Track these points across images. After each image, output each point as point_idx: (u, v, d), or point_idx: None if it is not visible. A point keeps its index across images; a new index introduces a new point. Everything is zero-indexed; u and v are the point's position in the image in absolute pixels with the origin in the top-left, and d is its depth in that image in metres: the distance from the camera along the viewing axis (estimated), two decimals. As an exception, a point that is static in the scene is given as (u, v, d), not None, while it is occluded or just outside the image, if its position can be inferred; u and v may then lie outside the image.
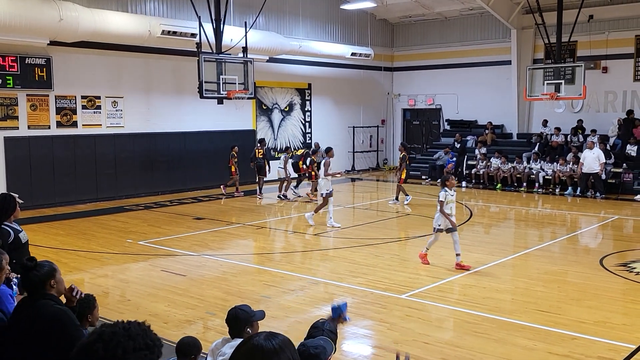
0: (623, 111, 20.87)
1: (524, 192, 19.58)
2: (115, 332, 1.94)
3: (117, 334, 1.93)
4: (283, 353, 1.94)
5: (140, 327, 2.01)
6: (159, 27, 16.82)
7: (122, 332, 1.95)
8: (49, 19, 14.69)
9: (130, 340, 1.93)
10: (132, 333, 1.96)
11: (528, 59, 22.69)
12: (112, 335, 1.92)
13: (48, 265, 3.88)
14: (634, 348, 6.59)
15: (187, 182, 19.45)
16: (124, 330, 1.95)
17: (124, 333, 1.94)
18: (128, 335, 1.94)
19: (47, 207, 15.93)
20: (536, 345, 6.70)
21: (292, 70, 22.74)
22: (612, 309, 8.05)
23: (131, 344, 1.92)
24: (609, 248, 11.82)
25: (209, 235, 13.00)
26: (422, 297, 8.48)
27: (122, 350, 1.88)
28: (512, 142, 23.12)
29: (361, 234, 13.09)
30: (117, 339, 1.91)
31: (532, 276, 9.78)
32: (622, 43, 20.82)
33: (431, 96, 25.91)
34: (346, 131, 25.16)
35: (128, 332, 1.95)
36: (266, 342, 1.94)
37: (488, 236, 13.54)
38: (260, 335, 1.99)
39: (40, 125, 16.25)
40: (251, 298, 8.29)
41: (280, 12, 21.74)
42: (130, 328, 1.98)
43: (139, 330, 1.98)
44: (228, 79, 15.49)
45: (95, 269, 10.17)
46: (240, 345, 1.99)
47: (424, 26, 25.95)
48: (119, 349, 1.88)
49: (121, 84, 17.84)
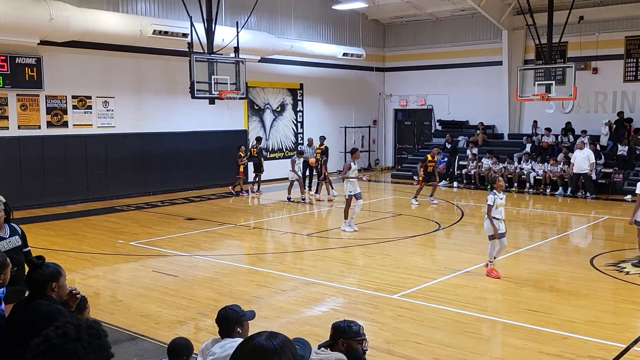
0: (613, 112, 21.01)
1: (515, 192, 19.65)
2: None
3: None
4: (284, 353, 1.95)
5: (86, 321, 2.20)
6: (150, 27, 16.77)
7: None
8: (40, 18, 14.62)
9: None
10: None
11: (519, 60, 22.79)
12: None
13: (54, 267, 3.86)
14: (624, 347, 6.63)
15: (179, 183, 19.40)
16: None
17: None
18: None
19: (37, 208, 15.84)
20: (527, 344, 6.72)
21: (283, 70, 22.72)
22: (603, 308, 8.10)
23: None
24: (599, 248, 11.88)
25: (200, 236, 12.97)
26: (414, 297, 8.50)
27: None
28: (504, 142, 23.22)
29: (353, 234, 13.09)
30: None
31: (523, 276, 9.82)
32: (612, 44, 20.96)
33: (423, 97, 25.97)
34: (338, 131, 25.16)
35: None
36: (267, 342, 1.96)
37: (479, 236, 13.55)
38: (261, 335, 2.00)
39: (31, 125, 16.16)
40: (243, 298, 8.28)
41: (272, 12, 21.73)
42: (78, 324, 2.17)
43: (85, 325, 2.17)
44: (220, 79, 15.46)
45: (86, 270, 10.12)
46: (242, 345, 2.00)
47: (415, 27, 26.01)
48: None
49: (112, 84, 17.77)
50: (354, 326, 3.69)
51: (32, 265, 3.82)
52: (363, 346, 3.70)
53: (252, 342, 1.97)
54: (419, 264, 10.63)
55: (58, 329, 2.13)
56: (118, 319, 7.57)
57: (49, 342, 2.08)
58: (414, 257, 11.17)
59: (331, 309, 8.09)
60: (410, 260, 10.94)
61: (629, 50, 20.83)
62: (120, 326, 7.32)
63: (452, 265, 10.29)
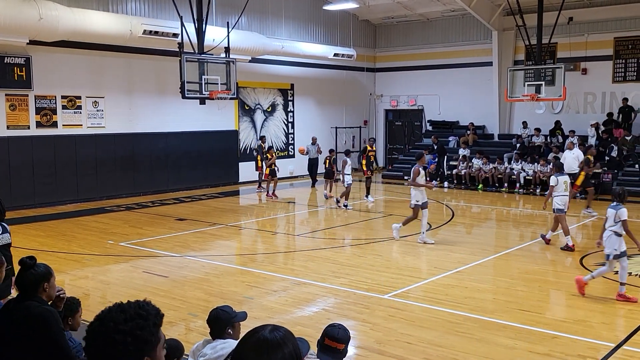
0: (602, 112, 21.16)
1: (505, 192, 19.74)
2: (110, 308, 2.16)
3: (110, 310, 2.15)
4: (286, 346, 2.00)
5: (135, 302, 2.22)
6: (140, 26, 16.70)
7: (115, 307, 2.16)
8: (29, 17, 14.52)
9: (122, 313, 2.12)
10: (124, 307, 2.16)
11: (509, 61, 22.89)
12: (107, 311, 2.15)
13: (44, 267, 3.88)
14: (613, 346, 6.67)
15: (169, 183, 19.34)
16: (117, 306, 2.17)
17: (117, 308, 2.15)
18: (120, 309, 2.14)
19: (26, 208, 15.74)
20: (517, 344, 6.75)
21: (274, 70, 22.70)
22: (592, 308, 8.14)
23: (122, 316, 2.11)
24: (588, 247, 11.94)
25: (191, 236, 12.93)
26: (405, 297, 8.51)
27: (114, 322, 2.09)
28: (494, 142, 23.31)
29: (344, 235, 13.10)
30: (110, 314, 2.13)
31: (513, 276, 9.87)
32: (601, 45, 21.11)
33: (413, 97, 26.03)
34: (329, 132, 25.17)
35: (121, 306, 2.16)
36: (271, 335, 2.00)
37: (470, 236, 13.63)
38: (265, 328, 2.04)
39: (20, 125, 16.05)
40: (233, 299, 8.27)
41: (262, 12, 21.70)
42: (123, 303, 2.19)
43: (131, 304, 2.19)
44: (210, 79, 15.43)
45: (75, 271, 10.07)
46: (245, 338, 2.05)
47: (406, 27, 26.07)
48: (111, 322, 2.09)
49: (102, 84, 17.68)
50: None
51: (25, 265, 3.82)
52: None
53: (256, 336, 2.02)
54: (409, 264, 10.65)
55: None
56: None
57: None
58: (405, 257, 11.19)
59: (322, 310, 8.09)
60: (401, 260, 10.97)
61: (617, 51, 20.98)
62: (111, 327, 7.27)
63: (443, 265, 10.32)
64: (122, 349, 2.06)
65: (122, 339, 2.06)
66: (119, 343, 2.06)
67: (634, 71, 20.78)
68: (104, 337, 2.07)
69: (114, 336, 2.06)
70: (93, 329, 2.11)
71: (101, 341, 2.08)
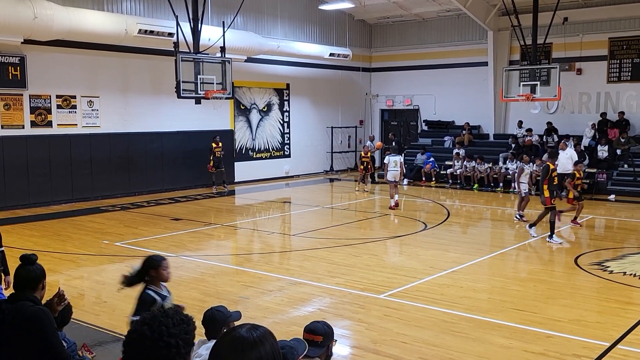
0: (597, 112, 21.21)
1: (500, 192, 19.78)
2: (154, 315, 2.25)
3: (156, 316, 2.23)
4: (263, 345, 1.99)
5: (171, 308, 2.35)
6: (135, 26, 16.65)
7: (159, 313, 2.25)
8: (23, 16, 14.46)
9: (168, 318, 2.22)
10: (167, 313, 2.26)
11: (504, 61, 22.92)
12: (152, 317, 2.22)
13: (41, 267, 3.89)
14: (607, 345, 6.69)
15: (165, 183, 19.30)
16: (160, 312, 2.26)
17: (161, 314, 2.24)
18: (165, 315, 2.23)
19: (21, 208, 15.69)
20: (512, 343, 6.76)
21: (270, 70, 22.68)
22: (587, 307, 8.17)
23: (170, 320, 2.21)
24: (583, 247, 11.98)
25: (186, 236, 12.91)
26: (400, 297, 8.52)
27: (165, 327, 2.18)
28: (489, 142, 23.35)
29: (339, 234, 13.11)
30: (157, 319, 2.21)
31: (508, 275, 9.89)
32: (596, 45, 21.16)
33: (409, 97, 26.04)
34: (324, 131, 25.17)
35: (164, 312, 2.25)
36: (248, 333, 2.00)
37: (465, 236, 13.65)
38: (242, 327, 2.04)
39: (14, 125, 15.99)
40: (229, 299, 8.26)
41: (258, 12, 21.69)
42: (164, 309, 2.31)
43: (170, 310, 2.30)
44: (206, 78, 15.40)
45: (70, 271, 10.04)
46: (223, 336, 2.06)
47: (401, 27, 26.08)
48: (162, 327, 2.18)
49: (97, 84, 17.63)
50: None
51: (28, 261, 3.81)
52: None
53: (233, 334, 2.03)
54: (405, 263, 10.66)
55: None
56: (103, 320, 7.52)
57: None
58: (401, 257, 11.19)
59: (318, 309, 8.09)
60: (397, 260, 10.97)
61: (612, 52, 21.03)
62: (106, 327, 7.27)
63: (438, 265, 10.32)
64: (176, 352, 2.18)
65: (175, 342, 2.18)
66: (172, 346, 2.17)
67: (629, 71, 20.84)
68: (156, 341, 2.16)
69: (168, 340, 2.17)
70: (142, 334, 2.17)
71: (153, 346, 2.16)
